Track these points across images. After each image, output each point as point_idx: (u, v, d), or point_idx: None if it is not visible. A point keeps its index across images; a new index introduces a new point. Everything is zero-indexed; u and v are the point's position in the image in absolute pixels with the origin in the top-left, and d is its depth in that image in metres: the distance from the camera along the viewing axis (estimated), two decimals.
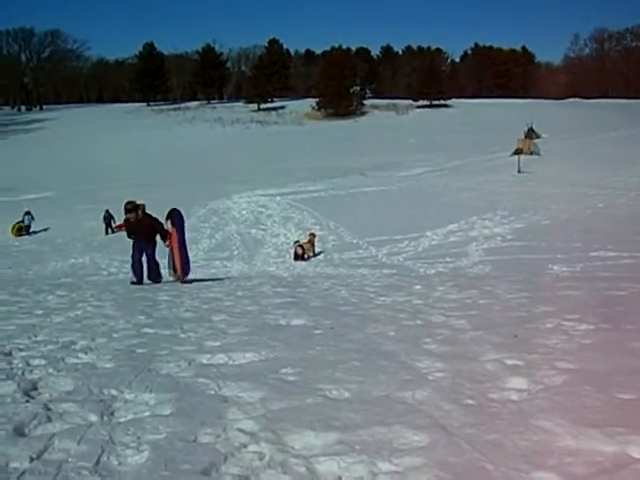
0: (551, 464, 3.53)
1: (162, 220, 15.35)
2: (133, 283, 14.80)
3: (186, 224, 15.98)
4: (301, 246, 22.03)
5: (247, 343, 6.63)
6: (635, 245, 19.93)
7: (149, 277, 15.22)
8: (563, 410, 4.32)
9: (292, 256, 21.96)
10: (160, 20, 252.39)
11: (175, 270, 15.40)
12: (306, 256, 21.74)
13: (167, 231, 15.28)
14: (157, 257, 15.45)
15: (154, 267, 15.34)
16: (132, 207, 15.04)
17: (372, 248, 22.34)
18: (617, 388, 4.76)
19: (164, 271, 15.63)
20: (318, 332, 7.32)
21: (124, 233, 15.96)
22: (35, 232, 33.68)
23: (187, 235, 24.90)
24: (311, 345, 6.49)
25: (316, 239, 23.04)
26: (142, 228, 14.89)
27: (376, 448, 3.73)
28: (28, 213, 34.46)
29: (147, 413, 4.33)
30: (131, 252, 15.40)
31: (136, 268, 15.19)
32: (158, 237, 15.27)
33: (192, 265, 16.04)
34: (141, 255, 15.22)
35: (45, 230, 33.69)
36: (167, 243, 15.36)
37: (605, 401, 4.50)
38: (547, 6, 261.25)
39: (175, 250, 15.29)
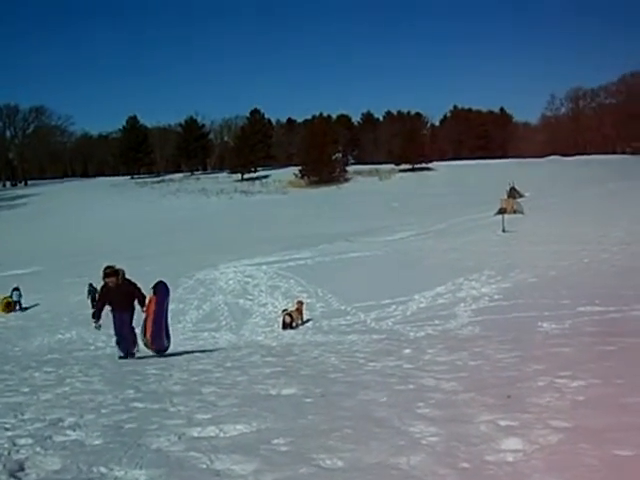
0: None
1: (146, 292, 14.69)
2: (121, 358, 14.06)
3: (171, 296, 15.19)
4: (289, 314, 21.93)
5: (238, 414, 6.56)
6: (621, 299, 19.95)
7: (122, 348, 14.42)
8: (560, 469, 4.29)
9: (280, 325, 21.85)
10: (143, 94, 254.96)
11: (145, 334, 14.46)
12: (294, 324, 21.63)
13: (145, 297, 14.52)
14: (134, 324, 14.65)
15: (130, 337, 14.52)
16: (111, 272, 14.43)
17: (360, 314, 22.28)
18: (613, 445, 4.73)
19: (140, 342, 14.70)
20: (309, 401, 7.26)
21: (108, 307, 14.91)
22: (26, 308, 33.49)
23: (172, 306, 24.91)
24: (302, 414, 6.42)
25: (304, 306, 22.95)
26: (122, 295, 14.22)
27: None
28: (17, 289, 34.27)
29: None
30: (113, 326, 14.59)
31: (123, 344, 14.42)
32: (136, 303, 14.52)
33: (172, 338, 15.61)
34: (123, 325, 14.42)
35: (35, 306, 33.49)
36: (144, 309, 14.55)
37: (602, 459, 4.47)
38: (524, 67, 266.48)
39: (149, 318, 14.42)
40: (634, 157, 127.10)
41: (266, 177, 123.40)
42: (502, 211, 44.90)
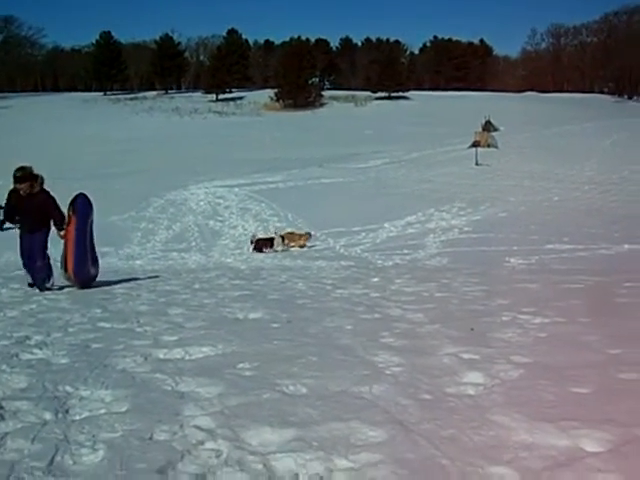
0: (506, 459, 3.56)
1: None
2: (31, 285, 11.46)
3: (94, 214, 12.39)
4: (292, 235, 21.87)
5: (204, 337, 6.60)
6: (590, 238, 20.18)
7: (33, 278, 11.49)
8: (518, 404, 4.36)
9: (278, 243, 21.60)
10: (117, 8, 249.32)
11: (66, 269, 11.69)
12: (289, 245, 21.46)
13: (64, 217, 11.70)
14: (50, 250, 11.89)
15: (42, 267, 11.50)
16: (24, 175, 11.27)
17: (330, 240, 22.35)
18: (572, 382, 4.82)
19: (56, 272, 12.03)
20: (275, 326, 7.32)
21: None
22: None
23: (142, 225, 24.78)
24: (268, 339, 6.47)
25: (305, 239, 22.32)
26: (34, 208, 11.24)
27: (333, 444, 3.73)
28: None
29: (103, 410, 4.28)
30: (19, 248, 11.71)
31: (32, 272, 11.53)
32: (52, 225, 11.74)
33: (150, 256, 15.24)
34: (33, 249, 11.47)
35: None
36: (62, 233, 11.73)
37: (560, 395, 4.55)
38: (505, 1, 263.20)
39: (69, 243, 11.66)
40: (611, 97, 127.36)
41: (241, 98, 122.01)
42: (476, 144, 44.83)
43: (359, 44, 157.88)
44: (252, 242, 21.78)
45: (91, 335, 6.77)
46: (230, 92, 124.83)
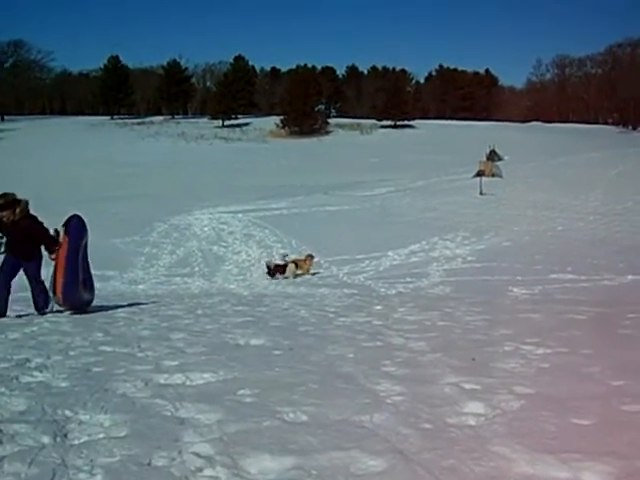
0: None
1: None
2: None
3: (90, 236, 12.05)
4: (295, 263, 21.70)
5: (205, 363, 6.59)
6: (593, 268, 20.17)
7: (35, 306, 11.29)
8: (520, 435, 4.35)
9: (290, 273, 21.44)
10: (126, 33, 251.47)
11: (54, 292, 11.23)
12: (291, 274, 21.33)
13: (57, 241, 11.36)
14: (43, 277, 11.50)
15: (39, 292, 11.30)
16: (6, 202, 10.94)
17: (333, 267, 22.35)
18: (574, 413, 4.80)
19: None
20: (277, 353, 7.31)
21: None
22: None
23: (146, 250, 24.82)
24: (269, 366, 6.46)
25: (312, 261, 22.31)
26: (19, 233, 10.94)
27: (333, 473, 3.72)
28: None
29: (102, 435, 4.27)
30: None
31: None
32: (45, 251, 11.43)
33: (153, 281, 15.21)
34: (10, 277, 11.20)
35: None
36: (53, 256, 11.33)
37: (561, 426, 4.54)
38: (511, 31, 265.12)
39: (59, 266, 11.20)
40: (616, 128, 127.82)
41: (247, 125, 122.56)
42: (480, 173, 44.90)
43: (365, 72, 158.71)
44: (268, 267, 21.67)
45: (92, 359, 6.77)
46: (236, 118, 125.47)
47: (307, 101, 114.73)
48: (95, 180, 58.71)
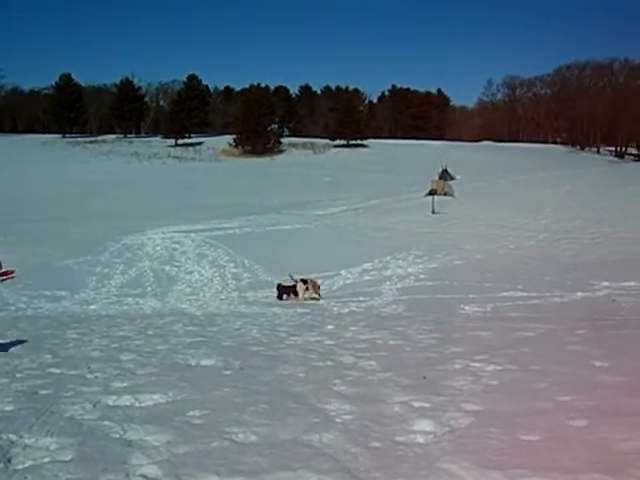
0: None
1: None
2: None
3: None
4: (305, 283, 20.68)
5: (155, 384, 6.54)
6: (544, 285, 20.39)
7: None
8: (468, 452, 4.38)
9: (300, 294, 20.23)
10: (78, 51, 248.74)
11: None
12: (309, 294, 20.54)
13: None
14: None
15: None
16: None
17: None
18: (521, 429, 4.86)
19: None
20: (227, 373, 7.28)
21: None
22: None
23: (97, 270, 24.56)
24: (219, 386, 6.44)
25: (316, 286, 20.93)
26: None
27: None
28: None
29: (47, 459, 4.21)
30: None
31: None
32: None
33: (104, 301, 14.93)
34: None
35: None
36: None
37: (509, 442, 4.59)
38: (462, 51, 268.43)
39: None
40: (565, 147, 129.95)
41: (200, 144, 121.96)
42: (432, 192, 45.23)
43: (318, 92, 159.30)
44: (277, 288, 21.00)
45: (39, 381, 6.67)
46: (189, 137, 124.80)
47: (260, 120, 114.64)
48: (47, 199, 57.95)
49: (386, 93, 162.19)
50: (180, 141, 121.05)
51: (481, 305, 17.33)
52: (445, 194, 46.93)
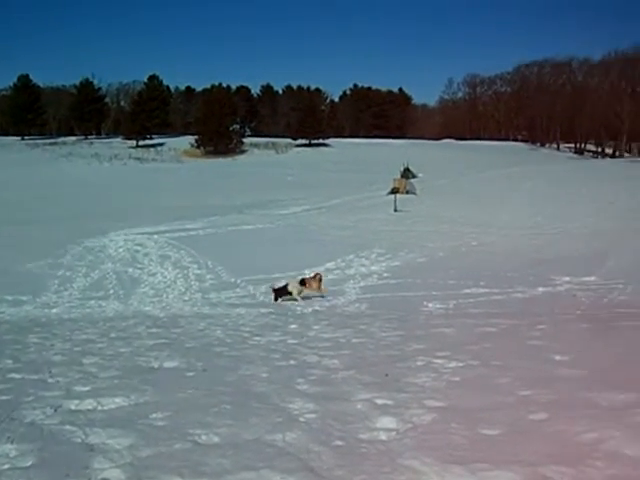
0: None
1: None
2: None
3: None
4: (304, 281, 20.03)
5: (117, 387, 6.51)
6: (506, 281, 20.60)
7: None
8: (430, 448, 4.42)
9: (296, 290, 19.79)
10: (36, 51, 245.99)
11: None
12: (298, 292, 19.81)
13: None
14: None
15: None
16: None
17: (250, 287, 22.23)
18: (482, 424, 4.91)
19: None
20: (190, 374, 7.26)
21: None
22: None
23: (59, 273, 24.35)
24: (182, 388, 6.42)
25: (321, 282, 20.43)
26: None
27: None
28: None
29: (6, 466, 4.17)
30: None
31: None
32: None
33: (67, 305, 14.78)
34: None
35: None
36: None
37: (470, 438, 4.63)
38: (423, 50, 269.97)
39: None
40: (525, 144, 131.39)
41: (161, 145, 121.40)
42: (395, 191, 45.45)
43: (280, 91, 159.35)
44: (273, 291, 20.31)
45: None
46: (150, 138, 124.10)
47: (222, 121, 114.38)
48: (7, 202, 57.27)
49: (348, 92, 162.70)
50: (141, 142, 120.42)
51: (444, 302, 17.45)
52: (407, 192, 47.21)
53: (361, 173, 79.26)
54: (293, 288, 19.84)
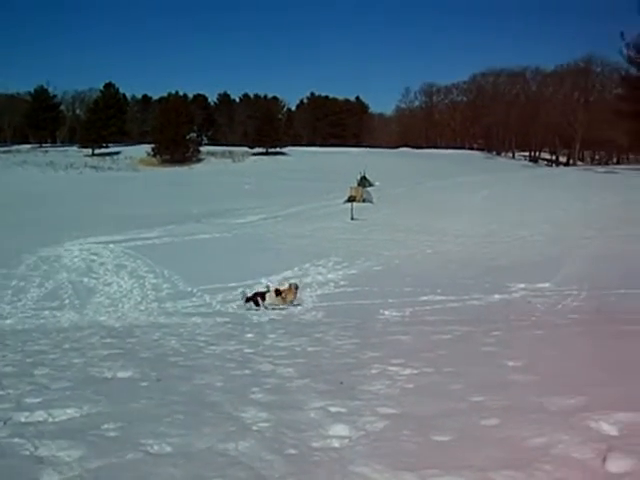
0: None
1: None
2: None
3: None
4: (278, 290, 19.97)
5: (69, 398, 6.43)
6: (462, 289, 20.77)
7: None
8: (382, 455, 4.44)
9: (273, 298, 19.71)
10: None
11: None
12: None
13: None
14: None
15: None
16: None
17: (206, 296, 22.14)
18: (434, 431, 4.95)
19: None
20: (144, 384, 7.21)
21: None
22: None
23: (13, 283, 24.06)
24: (135, 398, 6.37)
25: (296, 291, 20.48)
26: None
27: None
28: None
29: None
30: None
31: None
32: None
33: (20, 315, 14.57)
34: None
35: None
36: None
37: (422, 444, 4.66)
38: (380, 59, 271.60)
39: None
40: (482, 153, 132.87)
41: (118, 153, 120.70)
42: (351, 199, 45.64)
43: (237, 100, 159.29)
44: (246, 299, 20.04)
45: None
46: (106, 147, 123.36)
47: (178, 129, 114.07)
48: None
49: (305, 101, 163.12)
50: (97, 151, 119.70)
51: (400, 310, 17.55)
52: (364, 200, 47.37)
53: (318, 181, 79.48)
54: (269, 297, 19.73)
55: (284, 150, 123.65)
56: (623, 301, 18.19)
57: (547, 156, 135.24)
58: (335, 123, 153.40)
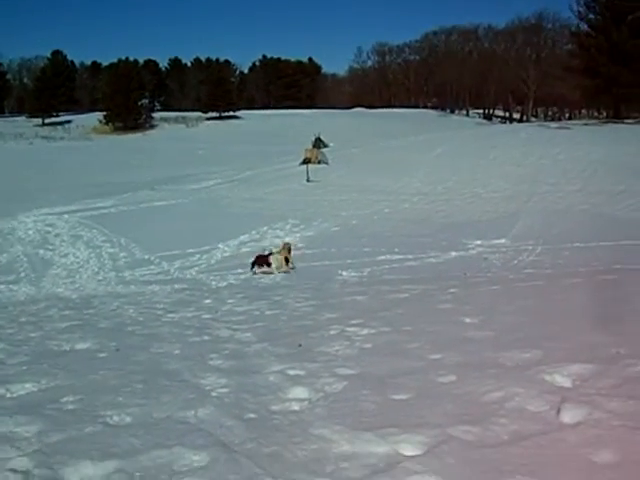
0: (328, 470, 3.66)
1: None
2: None
3: None
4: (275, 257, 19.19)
5: (27, 373, 6.39)
6: (420, 247, 20.93)
7: None
8: (341, 416, 4.49)
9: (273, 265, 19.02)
10: None
11: None
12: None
13: None
14: None
15: None
16: None
17: (164, 263, 22.04)
18: (392, 390, 5.01)
19: None
20: (102, 355, 7.19)
21: None
22: None
23: None
24: (94, 370, 6.35)
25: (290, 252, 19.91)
26: None
27: (156, 472, 3.73)
28: None
29: None
30: None
31: None
32: None
33: None
34: None
35: None
36: None
37: (380, 403, 4.72)
38: (331, 19, 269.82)
39: None
40: (436, 111, 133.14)
41: (69, 122, 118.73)
42: (307, 161, 45.46)
43: (189, 64, 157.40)
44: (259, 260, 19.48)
45: None
46: (57, 116, 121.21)
47: (130, 95, 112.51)
48: None
49: (257, 63, 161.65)
50: (47, 120, 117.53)
51: (358, 270, 17.64)
52: (319, 162, 47.19)
53: (273, 144, 79.14)
54: (275, 260, 19.16)
55: (238, 114, 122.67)
56: (577, 255, 18.49)
57: (501, 113, 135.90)
58: (288, 85, 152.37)
